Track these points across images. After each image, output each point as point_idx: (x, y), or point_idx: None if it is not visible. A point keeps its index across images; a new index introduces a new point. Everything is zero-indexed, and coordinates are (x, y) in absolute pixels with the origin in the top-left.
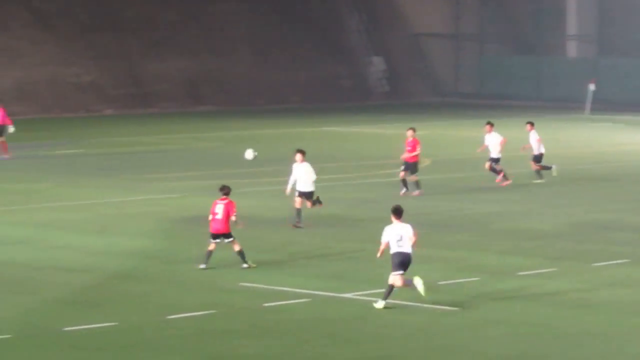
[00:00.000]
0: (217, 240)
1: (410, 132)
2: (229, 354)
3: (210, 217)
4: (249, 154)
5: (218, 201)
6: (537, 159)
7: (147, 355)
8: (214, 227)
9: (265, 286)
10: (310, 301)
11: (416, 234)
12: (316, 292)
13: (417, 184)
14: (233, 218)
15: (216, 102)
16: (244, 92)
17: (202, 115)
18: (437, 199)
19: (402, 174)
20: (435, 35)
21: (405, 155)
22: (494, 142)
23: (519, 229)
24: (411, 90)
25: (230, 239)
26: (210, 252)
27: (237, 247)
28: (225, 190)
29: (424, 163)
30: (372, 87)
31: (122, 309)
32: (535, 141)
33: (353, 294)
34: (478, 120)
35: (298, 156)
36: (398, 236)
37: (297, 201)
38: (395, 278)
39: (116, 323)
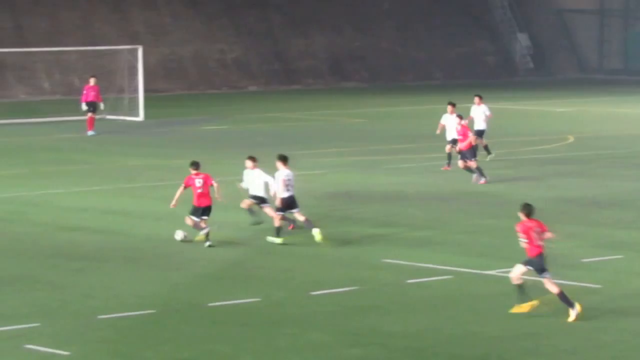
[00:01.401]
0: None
1: (458, 120)
2: (372, 330)
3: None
4: (179, 234)
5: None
6: (480, 133)
7: (291, 332)
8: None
9: (409, 263)
10: (454, 278)
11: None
12: (460, 269)
13: (479, 170)
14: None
15: (360, 79)
16: (388, 69)
17: (345, 92)
18: (582, 176)
19: (461, 163)
20: (579, 12)
21: (460, 145)
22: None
23: None
24: (556, 67)
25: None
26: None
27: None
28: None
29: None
30: (517, 64)
31: (265, 285)
32: (483, 115)
33: (497, 271)
34: (624, 97)
35: (248, 163)
36: None
37: (246, 202)
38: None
39: (259, 299)
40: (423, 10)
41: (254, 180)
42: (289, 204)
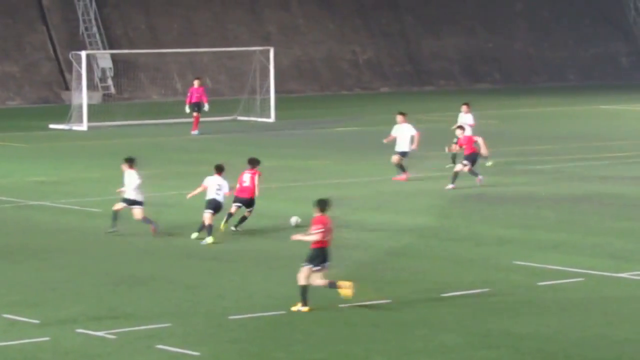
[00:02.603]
0: None
1: (460, 132)
2: (503, 332)
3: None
4: (293, 220)
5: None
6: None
7: (422, 333)
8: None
9: (540, 265)
10: (585, 280)
11: None
12: (591, 272)
13: (455, 176)
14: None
15: (493, 80)
16: (521, 70)
17: (478, 93)
18: None
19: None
20: None
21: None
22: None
23: None
24: None
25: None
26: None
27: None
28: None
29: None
30: None
31: (396, 286)
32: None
33: (629, 273)
34: None
35: (124, 165)
36: None
37: (118, 205)
38: None
39: (390, 300)
40: (556, 11)
41: (129, 183)
42: (214, 206)
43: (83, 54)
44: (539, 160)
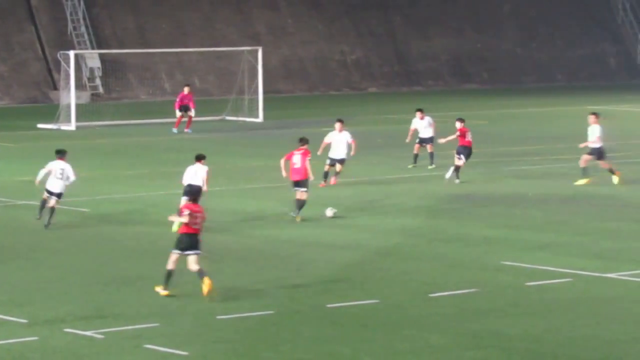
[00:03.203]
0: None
1: (459, 123)
2: (491, 333)
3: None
4: (329, 212)
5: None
6: (427, 141)
7: (410, 333)
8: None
9: (528, 265)
10: (574, 281)
11: None
12: (579, 272)
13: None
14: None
15: (481, 80)
16: (509, 70)
17: (467, 94)
18: None
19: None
20: None
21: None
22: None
23: None
24: None
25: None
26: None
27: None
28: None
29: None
30: (639, 66)
31: (384, 287)
32: (427, 124)
33: (617, 274)
34: None
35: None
36: None
37: (49, 201)
38: None
39: (378, 301)
40: (544, 11)
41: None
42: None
43: (71, 53)
44: (526, 160)
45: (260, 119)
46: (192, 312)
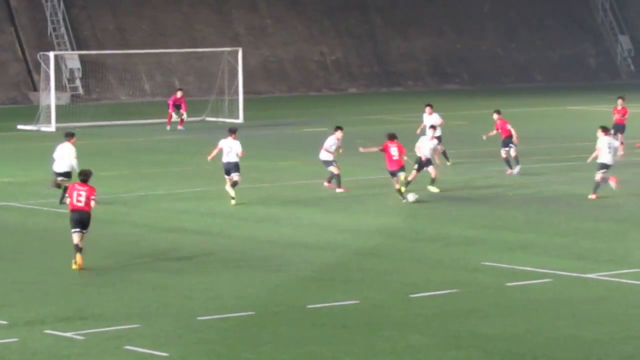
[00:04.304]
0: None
1: (496, 115)
2: (471, 333)
3: None
4: (412, 196)
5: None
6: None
7: (390, 334)
8: None
9: (508, 265)
10: (554, 281)
11: None
12: (559, 272)
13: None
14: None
15: (461, 81)
16: (489, 71)
17: (447, 94)
18: None
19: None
20: None
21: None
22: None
23: None
24: None
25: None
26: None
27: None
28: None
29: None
30: (619, 66)
31: (365, 287)
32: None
33: (596, 274)
34: None
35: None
36: None
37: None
38: None
39: (359, 301)
40: (523, 12)
41: None
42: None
43: (51, 54)
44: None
45: (240, 119)
46: (172, 313)
